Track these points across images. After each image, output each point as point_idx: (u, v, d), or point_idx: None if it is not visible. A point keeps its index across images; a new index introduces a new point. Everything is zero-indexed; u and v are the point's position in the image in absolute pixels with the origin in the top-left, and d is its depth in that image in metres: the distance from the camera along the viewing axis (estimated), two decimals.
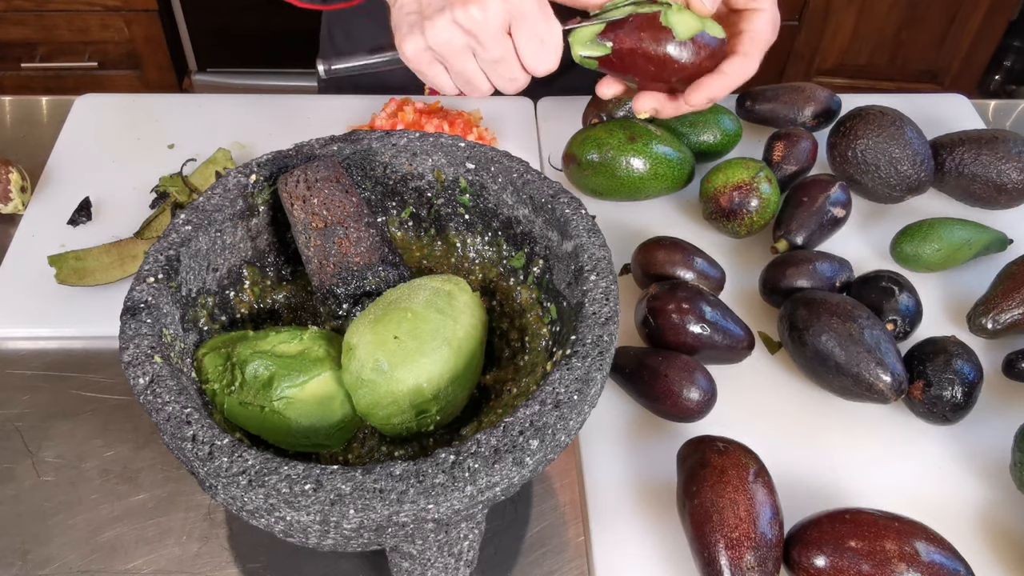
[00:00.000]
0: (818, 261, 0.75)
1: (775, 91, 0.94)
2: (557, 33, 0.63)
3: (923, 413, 0.69)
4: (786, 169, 0.86)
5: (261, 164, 0.64)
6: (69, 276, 0.77)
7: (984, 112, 1.04)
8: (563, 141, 0.90)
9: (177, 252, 0.58)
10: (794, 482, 0.67)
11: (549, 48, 0.63)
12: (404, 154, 0.66)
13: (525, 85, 0.66)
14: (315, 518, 0.45)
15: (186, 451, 0.48)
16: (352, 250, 0.61)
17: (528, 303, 0.64)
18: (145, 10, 1.95)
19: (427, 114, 0.93)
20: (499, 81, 0.66)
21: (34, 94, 1.04)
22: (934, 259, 0.80)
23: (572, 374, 0.51)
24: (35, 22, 1.96)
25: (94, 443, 0.69)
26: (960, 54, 2.07)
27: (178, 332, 0.56)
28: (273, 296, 0.66)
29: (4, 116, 0.98)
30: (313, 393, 0.56)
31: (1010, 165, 0.84)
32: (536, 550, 0.64)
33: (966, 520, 0.65)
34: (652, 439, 0.69)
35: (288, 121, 0.96)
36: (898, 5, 1.98)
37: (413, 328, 0.55)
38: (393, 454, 0.59)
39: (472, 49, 0.63)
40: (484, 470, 0.46)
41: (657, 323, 0.70)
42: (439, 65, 0.65)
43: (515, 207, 0.64)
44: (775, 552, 0.57)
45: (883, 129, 0.83)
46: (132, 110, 0.96)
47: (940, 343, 0.70)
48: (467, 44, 0.62)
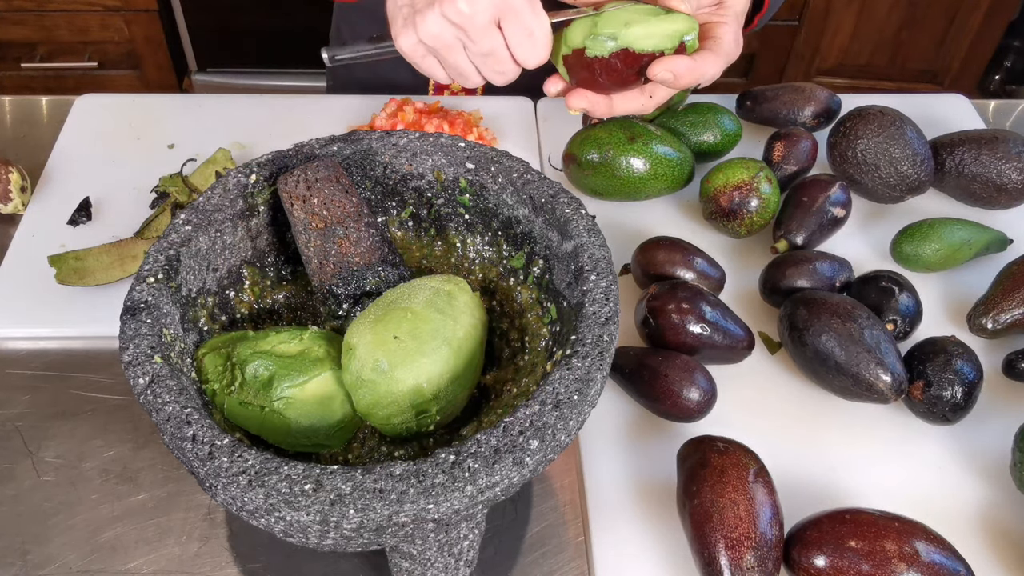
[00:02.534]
0: (818, 261, 0.75)
1: (775, 91, 0.94)
2: (546, 26, 0.63)
3: (923, 413, 0.69)
4: (786, 169, 0.86)
5: (261, 164, 0.64)
6: (69, 276, 0.77)
7: (984, 112, 1.04)
8: (563, 141, 0.90)
9: (177, 252, 0.58)
10: (794, 482, 0.67)
11: (538, 41, 0.63)
12: (404, 154, 0.66)
13: (515, 78, 0.67)
14: (315, 518, 0.45)
15: (186, 451, 0.48)
16: (352, 250, 0.61)
17: (528, 303, 0.64)
18: (145, 10, 1.95)
19: (427, 114, 0.93)
20: (489, 74, 0.66)
21: (34, 94, 1.04)
22: (934, 259, 0.80)
23: (572, 374, 0.51)
24: (35, 22, 1.96)
25: (94, 443, 0.69)
26: (960, 54, 2.07)
27: (178, 332, 0.56)
28: (273, 296, 0.66)
29: (4, 116, 0.98)
30: (313, 393, 0.56)
31: (1010, 165, 0.84)
32: (536, 550, 0.64)
33: (966, 520, 0.65)
34: (652, 439, 0.69)
35: (288, 121, 0.96)
36: (898, 5, 1.98)
37: (413, 328, 0.55)
38: (393, 454, 0.59)
39: (462, 42, 0.64)
40: (484, 470, 0.46)
41: (657, 323, 0.70)
42: (432, 58, 0.67)
43: (515, 207, 0.64)
44: (775, 552, 0.57)
45: (883, 129, 0.83)
46: (132, 110, 0.96)
47: (940, 343, 0.70)
48: (457, 37, 0.63)
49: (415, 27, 0.64)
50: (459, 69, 0.66)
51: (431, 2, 0.62)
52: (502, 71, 0.65)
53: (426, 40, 0.64)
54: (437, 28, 0.63)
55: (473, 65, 0.66)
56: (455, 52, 0.64)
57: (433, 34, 0.63)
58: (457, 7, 0.60)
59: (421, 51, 0.66)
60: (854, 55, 2.08)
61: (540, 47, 0.64)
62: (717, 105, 0.89)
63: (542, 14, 0.63)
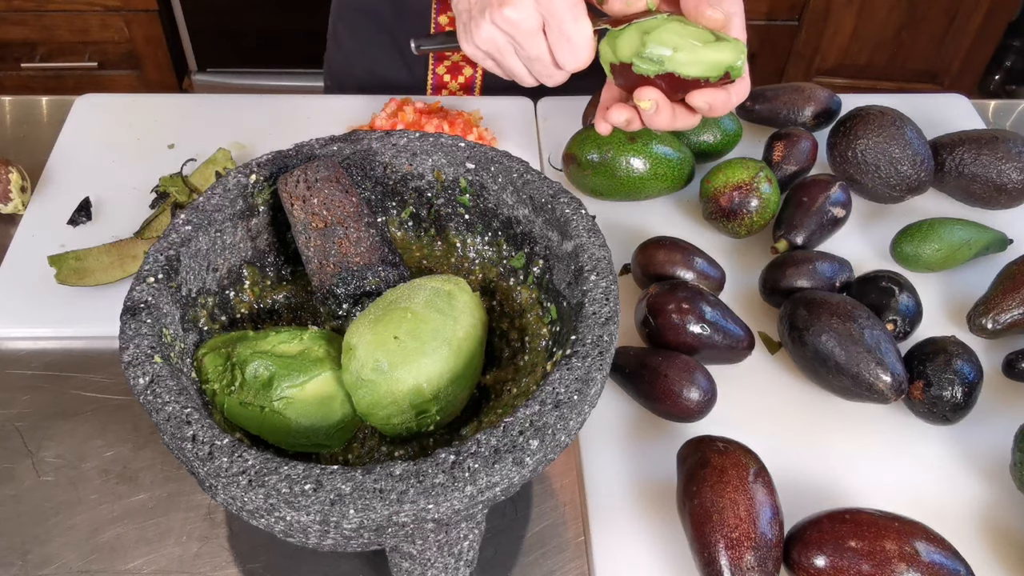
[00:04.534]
0: (818, 261, 0.75)
1: (775, 91, 0.94)
2: (586, 32, 0.64)
3: (923, 413, 0.69)
4: (786, 169, 0.86)
5: (261, 164, 0.64)
6: (69, 276, 0.77)
7: (984, 112, 1.04)
8: (563, 141, 0.90)
9: (177, 252, 0.58)
10: (794, 482, 0.67)
11: (577, 47, 0.64)
12: (404, 154, 0.66)
13: (562, 80, 0.68)
14: (315, 518, 0.45)
15: (186, 451, 0.48)
16: (352, 250, 0.61)
17: (528, 303, 0.64)
18: (145, 10, 1.95)
19: (427, 114, 0.93)
20: (539, 76, 0.69)
21: (34, 94, 1.04)
22: (934, 259, 0.80)
23: (572, 374, 0.51)
24: (35, 22, 1.96)
25: (94, 443, 0.69)
26: (960, 54, 2.07)
27: (178, 332, 0.56)
28: (273, 296, 0.66)
29: (4, 116, 0.98)
30: (313, 393, 0.56)
31: (1010, 165, 0.84)
32: (536, 550, 0.64)
33: (966, 520, 0.65)
34: (652, 439, 0.69)
35: (288, 121, 0.96)
36: (898, 5, 1.98)
37: (413, 328, 0.55)
38: (393, 454, 0.59)
39: (513, 47, 0.66)
40: (484, 470, 0.46)
41: (657, 323, 0.70)
42: (491, 60, 0.69)
43: (515, 207, 0.64)
44: (775, 552, 0.57)
45: (883, 129, 0.83)
46: (132, 110, 0.96)
47: (940, 343, 0.70)
48: (508, 42, 0.66)
49: (471, 34, 0.67)
50: (513, 71, 0.69)
51: (483, 9, 0.65)
52: (549, 74, 0.68)
53: (481, 45, 0.67)
54: (489, 34, 0.65)
55: (525, 68, 0.68)
56: (508, 56, 0.67)
57: (487, 39, 0.66)
58: (504, 14, 0.63)
59: (480, 55, 0.69)
60: (854, 55, 2.08)
61: (580, 53, 0.65)
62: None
63: (584, 20, 0.64)
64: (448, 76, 1.06)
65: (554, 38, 0.64)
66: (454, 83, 1.06)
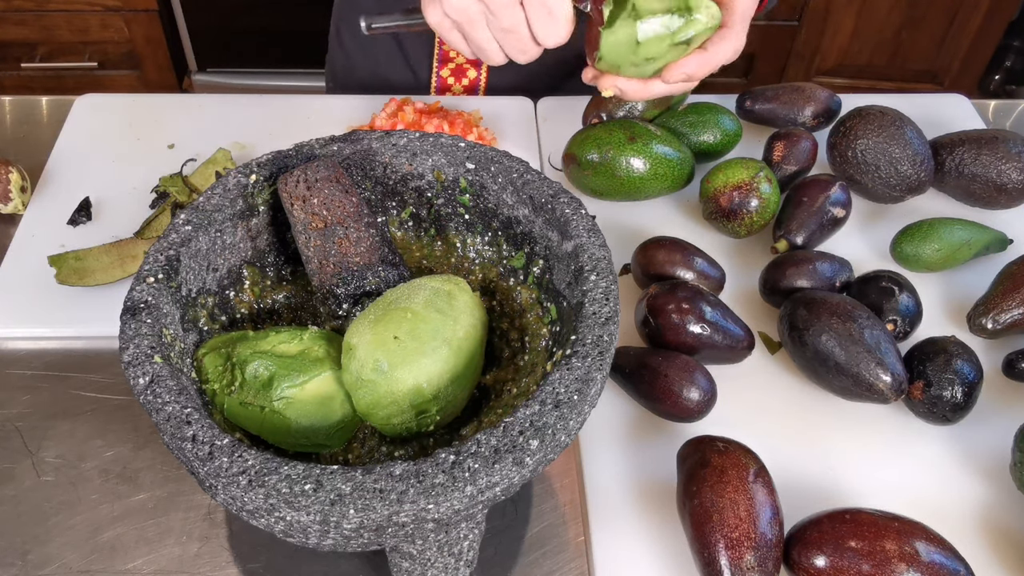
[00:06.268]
0: (818, 261, 0.75)
1: (775, 91, 0.94)
2: (566, 6, 0.63)
3: (923, 413, 0.69)
4: (786, 169, 0.86)
5: (261, 164, 0.64)
6: (69, 276, 0.77)
7: (984, 112, 1.04)
8: (563, 141, 0.90)
9: (177, 252, 0.58)
10: (794, 482, 0.67)
11: (557, 19, 0.63)
12: (404, 154, 0.66)
13: (535, 56, 0.67)
14: (315, 518, 0.45)
15: (186, 451, 0.48)
16: (352, 250, 0.61)
17: (528, 303, 0.64)
18: (145, 10, 1.95)
19: (427, 114, 0.93)
20: (510, 51, 0.67)
21: (34, 94, 1.04)
22: (934, 259, 0.80)
23: (572, 374, 0.51)
24: (35, 22, 1.96)
25: (94, 443, 0.69)
26: (960, 54, 2.07)
27: (178, 332, 0.56)
28: (273, 296, 0.66)
29: (4, 116, 0.98)
30: (313, 393, 0.56)
31: (1010, 165, 0.84)
32: (536, 550, 0.64)
33: (966, 520, 0.65)
34: (652, 439, 0.69)
35: (288, 121, 0.96)
36: (898, 5, 1.98)
37: (413, 328, 0.55)
38: (393, 454, 0.59)
39: (485, 17, 0.64)
40: (484, 470, 0.46)
41: (657, 323, 0.70)
42: (457, 32, 0.67)
43: (515, 207, 0.64)
44: (775, 552, 0.57)
45: (883, 129, 0.83)
46: (132, 110, 0.96)
47: (940, 343, 0.70)
48: (480, 12, 0.64)
49: (441, 1, 0.64)
50: (481, 45, 0.67)
51: None
52: (523, 49, 0.66)
53: (451, 14, 0.64)
54: (461, 2, 0.63)
55: (496, 42, 0.66)
56: (478, 27, 0.65)
57: (458, 7, 0.64)
58: None
59: (447, 24, 0.66)
60: (854, 55, 2.08)
61: (559, 26, 0.64)
62: (717, 105, 0.90)
63: None
64: (452, 79, 1.05)
65: (533, 10, 0.63)
66: (458, 86, 1.05)
